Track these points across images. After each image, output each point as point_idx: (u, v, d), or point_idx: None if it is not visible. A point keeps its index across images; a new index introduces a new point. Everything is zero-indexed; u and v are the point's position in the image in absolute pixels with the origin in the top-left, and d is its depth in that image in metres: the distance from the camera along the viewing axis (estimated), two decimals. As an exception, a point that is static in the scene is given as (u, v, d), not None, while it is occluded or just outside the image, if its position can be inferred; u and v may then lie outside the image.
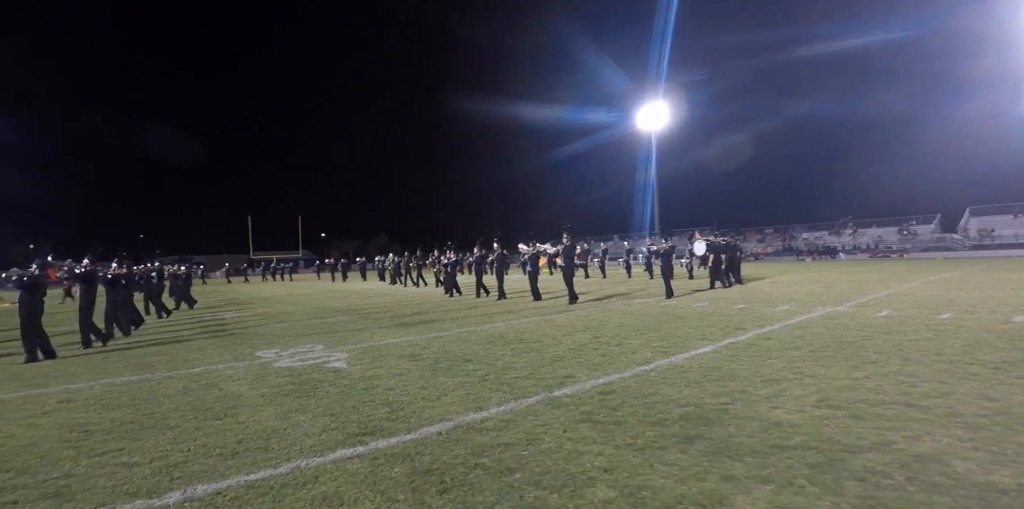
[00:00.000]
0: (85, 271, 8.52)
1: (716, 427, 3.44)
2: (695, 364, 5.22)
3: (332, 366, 5.90)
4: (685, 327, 7.52)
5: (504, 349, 6.46)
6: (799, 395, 4.04)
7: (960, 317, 7.36)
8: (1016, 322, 6.76)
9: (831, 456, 2.91)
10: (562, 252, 12.91)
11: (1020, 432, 3.12)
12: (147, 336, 9.29)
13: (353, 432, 3.71)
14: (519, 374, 5.12)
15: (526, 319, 9.19)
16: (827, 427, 3.34)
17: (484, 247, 15.67)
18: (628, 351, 6.01)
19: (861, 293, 11.14)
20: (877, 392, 4.02)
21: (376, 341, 7.50)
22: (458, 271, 20.57)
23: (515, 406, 4.11)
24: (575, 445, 3.26)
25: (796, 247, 44.29)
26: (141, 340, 8.77)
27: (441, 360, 5.95)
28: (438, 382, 4.96)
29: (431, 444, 3.41)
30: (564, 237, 12.59)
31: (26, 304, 7.11)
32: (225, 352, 7.09)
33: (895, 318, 7.52)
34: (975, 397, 3.79)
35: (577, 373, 5.07)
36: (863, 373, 4.60)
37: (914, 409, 3.61)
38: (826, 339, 6.15)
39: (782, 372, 4.75)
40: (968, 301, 9.06)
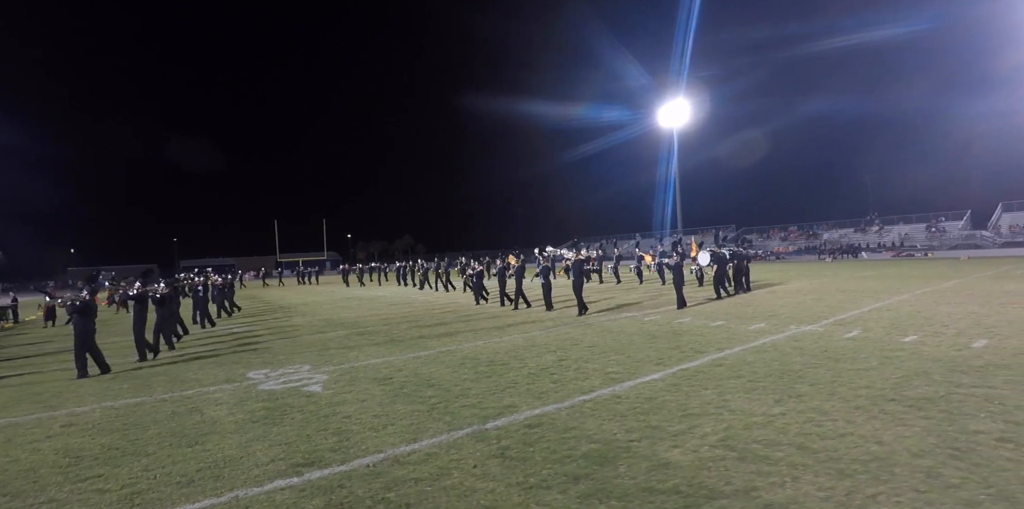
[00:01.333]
0: (137, 292, 9.39)
1: (608, 467, 3.75)
2: (633, 394, 5.50)
3: (308, 389, 6.42)
4: (650, 349, 7.75)
5: (469, 372, 6.86)
6: (706, 433, 4.29)
7: (922, 340, 7.34)
8: (972, 349, 6.73)
9: (689, 503, 3.19)
10: (571, 266, 13.32)
11: (882, 482, 3.32)
12: (179, 351, 10.08)
13: (296, 462, 4.18)
14: (467, 402, 5.51)
15: (508, 338, 9.56)
16: (707, 471, 3.61)
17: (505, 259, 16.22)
18: (581, 377, 6.31)
19: (846, 308, 11.05)
20: (781, 431, 4.24)
21: (360, 361, 8.01)
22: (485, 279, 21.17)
23: (446, 438, 4.50)
24: (475, 482, 3.63)
25: (820, 245, 43.10)
26: (165, 357, 9.56)
27: (407, 385, 6.39)
28: (392, 410, 5.39)
29: (355, 477, 3.84)
30: (574, 250, 12.94)
31: (80, 326, 7.94)
32: (221, 372, 7.74)
33: (857, 341, 7.56)
34: (867, 440, 3.97)
35: (520, 402, 5.42)
36: (782, 409, 4.80)
37: (802, 452, 3.83)
38: (773, 367, 6.30)
39: (707, 406, 4.99)
40: (945, 320, 8.94)
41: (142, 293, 9.12)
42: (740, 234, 58.06)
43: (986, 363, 5.97)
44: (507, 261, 16.56)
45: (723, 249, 15.94)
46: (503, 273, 15.78)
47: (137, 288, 9.27)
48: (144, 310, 8.99)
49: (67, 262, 52.27)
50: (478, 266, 17.66)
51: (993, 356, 6.27)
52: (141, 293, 9.12)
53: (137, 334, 8.86)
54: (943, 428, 4.12)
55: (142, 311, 8.95)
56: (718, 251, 15.50)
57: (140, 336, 8.87)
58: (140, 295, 9.10)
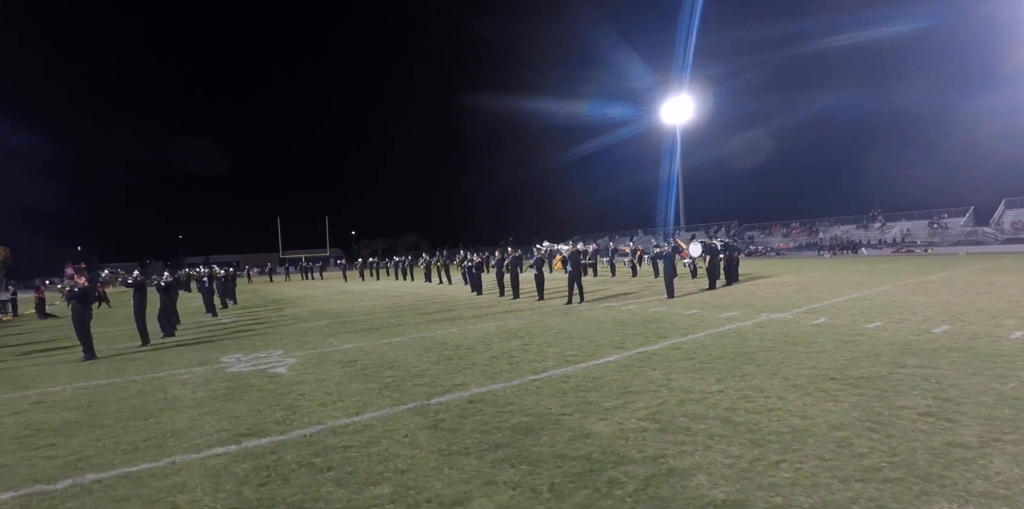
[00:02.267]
0: (136, 280, 9.61)
1: (531, 437, 3.81)
2: (582, 374, 5.54)
3: (274, 371, 6.55)
4: (616, 335, 7.78)
5: (434, 356, 6.94)
6: (638, 408, 4.34)
7: (884, 326, 7.30)
8: (932, 334, 6.69)
9: (595, 467, 3.25)
10: (568, 258, 13.44)
11: (791, 451, 3.35)
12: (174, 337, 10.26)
13: (240, 433, 4.29)
14: (420, 381, 5.59)
15: (483, 325, 9.63)
16: (624, 441, 3.66)
17: (502, 250, 16.31)
18: (538, 359, 6.37)
19: (823, 298, 10.98)
20: (711, 406, 4.27)
21: (332, 347, 8.13)
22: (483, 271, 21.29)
23: (388, 412, 4.59)
24: (399, 449, 3.72)
25: (821, 241, 42.70)
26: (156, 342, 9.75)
27: (369, 367, 6.48)
28: (346, 388, 5.49)
29: (290, 445, 3.94)
30: (570, 243, 13.03)
31: (78, 311, 8.14)
32: (197, 356, 7.90)
33: (821, 327, 7.53)
34: (792, 414, 4.00)
35: (471, 381, 5.49)
36: (721, 386, 4.82)
37: (725, 424, 3.86)
38: (728, 350, 6.31)
39: (650, 384, 5.02)
40: (915, 308, 8.86)
41: (140, 281, 9.31)
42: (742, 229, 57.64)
43: (939, 346, 5.93)
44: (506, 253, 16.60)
45: (715, 240, 15.88)
46: (501, 265, 15.89)
47: (135, 276, 9.46)
48: (143, 298, 9.18)
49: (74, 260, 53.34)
50: (476, 258, 17.78)
51: (948, 340, 6.23)
52: (139, 281, 9.31)
53: (139, 320, 9.04)
54: (871, 404, 4.13)
55: (142, 299, 9.14)
56: (710, 243, 15.44)
57: (142, 322, 9.05)
58: (138, 283, 9.29)
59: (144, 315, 8.99)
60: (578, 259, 13.07)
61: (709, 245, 14.94)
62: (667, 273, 12.80)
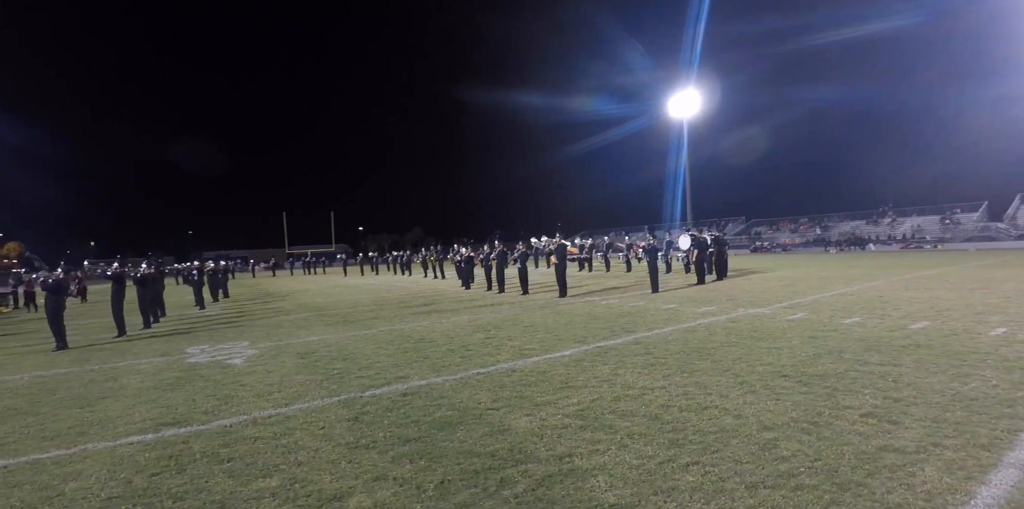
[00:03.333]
0: (114, 272, 9.63)
1: (446, 431, 3.63)
2: (530, 368, 5.34)
3: (229, 362, 6.46)
4: (583, 329, 7.55)
5: (392, 349, 6.79)
6: (570, 404, 4.13)
7: (862, 322, 6.96)
8: (909, 329, 6.34)
9: (495, 465, 3.05)
10: (555, 251, 13.24)
11: (709, 452, 3.12)
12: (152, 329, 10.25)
13: (164, 422, 4.19)
14: (365, 374, 5.44)
15: (455, 318, 9.46)
16: (538, 438, 3.45)
17: (490, 245, 16.10)
18: (493, 353, 6.18)
19: (809, 293, 10.60)
20: (645, 404, 4.05)
21: (299, 339, 8.03)
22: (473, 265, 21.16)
23: (317, 404, 4.44)
24: (308, 441, 3.57)
25: (828, 237, 41.75)
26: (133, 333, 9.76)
27: (323, 359, 6.36)
28: (289, 380, 5.36)
29: (206, 435, 3.83)
30: (556, 236, 12.81)
31: (51, 302, 8.16)
32: (163, 347, 7.86)
33: (795, 322, 7.22)
34: (726, 413, 3.76)
35: (415, 374, 5.32)
36: (666, 382, 4.59)
37: (651, 422, 3.64)
38: (689, 345, 6.05)
39: (594, 379, 4.80)
40: (901, 303, 8.47)
41: (117, 273, 9.32)
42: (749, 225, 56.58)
43: (910, 343, 5.61)
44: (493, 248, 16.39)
45: (704, 234, 15.50)
46: (487, 259, 15.69)
47: (113, 269, 9.47)
48: (121, 290, 9.18)
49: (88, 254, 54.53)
50: (466, 252, 17.60)
51: (923, 337, 5.90)
52: (117, 273, 9.31)
53: (116, 311, 9.04)
54: (815, 403, 3.86)
55: (119, 290, 9.14)
56: (699, 236, 15.07)
57: (118, 313, 9.05)
58: (116, 275, 9.29)
59: (121, 306, 8.99)
60: (563, 253, 12.85)
61: (698, 239, 14.57)
62: (651, 267, 12.50)
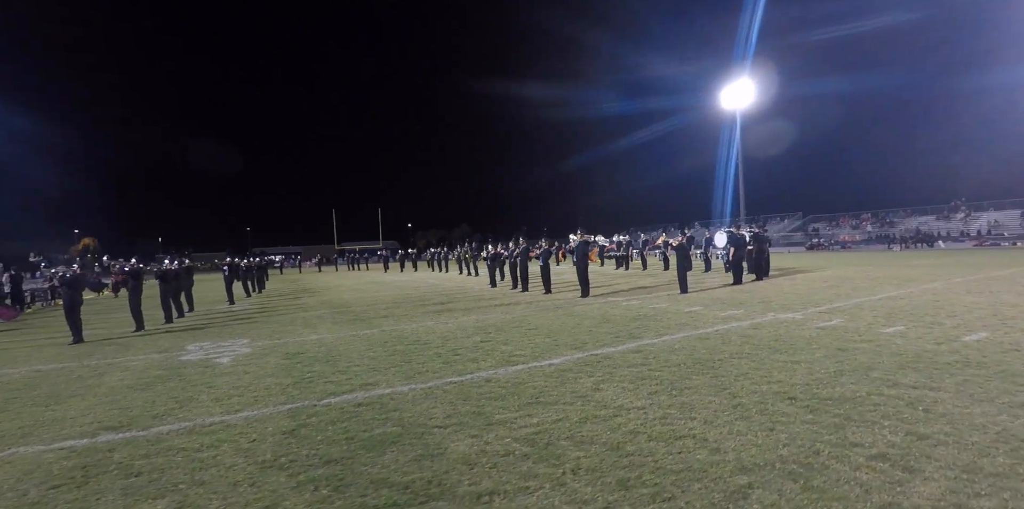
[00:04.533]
0: (132, 268, 10.00)
1: (374, 452, 3.22)
2: (507, 378, 4.84)
3: (217, 361, 6.36)
4: (587, 333, 6.94)
5: (382, 350, 6.48)
6: (527, 425, 3.60)
7: (905, 332, 5.93)
8: (960, 342, 5.31)
9: (404, 501, 2.60)
10: (575, 248, 12.65)
11: (660, 500, 2.53)
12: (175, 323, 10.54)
13: (108, 425, 4.06)
14: (335, 379, 5.14)
15: (463, 319, 9.07)
16: (469, 467, 2.97)
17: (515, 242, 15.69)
18: (478, 359, 5.72)
19: (854, 296, 9.39)
20: (613, 428, 3.46)
21: (299, 337, 7.91)
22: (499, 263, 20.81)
23: (266, 412, 4.16)
24: (226, 457, 3.26)
25: (893, 234, 38.28)
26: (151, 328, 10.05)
27: (307, 360, 6.13)
28: (259, 383, 5.15)
29: (136, 442, 3.65)
30: (578, 233, 12.23)
31: (68, 297, 8.51)
32: (169, 343, 7.96)
33: (826, 330, 6.27)
34: (703, 446, 3.12)
35: (384, 381, 4.96)
36: (648, 402, 3.96)
37: (610, 453, 3.07)
38: (696, 356, 5.33)
39: (569, 395, 4.24)
40: (957, 309, 7.24)
41: (135, 270, 9.61)
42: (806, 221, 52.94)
43: (958, 360, 4.64)
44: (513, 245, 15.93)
45: (742, 231, 14.30)
46: (512, 257, 15.24)
47: (132, 264, 9.78)
48: (139, 285, 9.46)
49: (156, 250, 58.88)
50: (492, 249, 17.21)
51: (975, 352, 4.89)
52: (135, 269, 9.61)
53: (133, 306, 9.33)
54: (817, 437, 3.14)
55: (137, 286, 9.42)
56: (736, 233, 13.91)
57: (136, 308, 9.33)
58: (134, 271, 9.59)
59: (139, 302, 9.25)
60: (585, 251, 12.16)
61: (735, 236, 13.42)
62: (680, 266, 11.59)
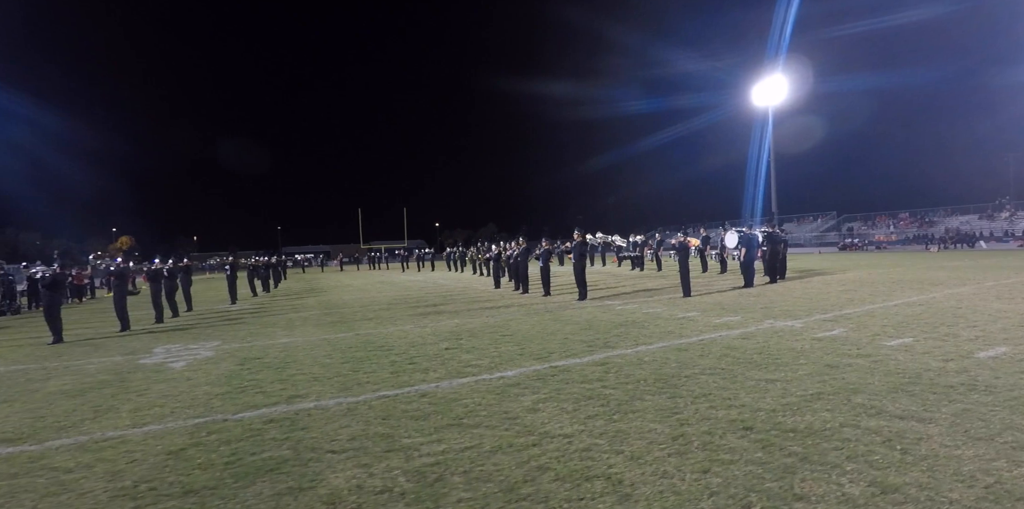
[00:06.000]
0: (118, 268, 10.03)
1: (242, 482, 2.83)
2: (444, 394, 4.39)
3: (171, 365, 6.14)
4: (560, 341, 6.40)
5: (342, 357, 6.13)
6: (430, 453, 3.13)
7: (912, 345, 5.15)
8: (973, 359, 4.52)
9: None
10: (572, 248, 12.11)
11: None
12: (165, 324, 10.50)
13: (7, 437, 3.82)
14: (269, 389, 4.81)
15: (446, 323, 8.65)
16: (330, 507, 2.51)
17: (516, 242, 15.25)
18: (430, 369, 5.30)
19: (868, 301, 8.47)
20: (522, 462, 2.95)
21: (270, 340, 7.67)
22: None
23: (172, 426, 3.85)
24: (90, 481, 2.95)
25: (931, 234, 35.86)
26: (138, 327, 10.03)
27: (258, 366, 5.86)
28: (192, 392, 4.87)
29: (14, 460, 3.37)
30: (576, 233, 11.72)
31: (47, 298, 8.55)
32: (140, 344, 7.84)
33: (823, 342, 5.54)
34: (610, 491, 2.58)
35: (315, 393, 4.60)
36: (580, 427, 3.43)
37: (499, 496, 2.56)
38: (663, 371, 4.74)
39: (498, 416, 3.75)
40: (980, 319, 6.32)
41: (120, 270, 9.59)
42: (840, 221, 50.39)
43: (964, 382, 3.89)
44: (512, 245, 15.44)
45: (755, 230, 13.39)
46: (512, 258, 14.77)
47: (117, 264, 9.76)
48: (123, 285, 9.45)
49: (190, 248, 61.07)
50: (496, 249, 16.79)
51: (988, 372, 4.12)
52: (120, 269, 9.59)
53: (118, 306, 9.32)
54: (758, 484, 2.54)
55: (121, 286, 9.41)
56: (748, 232, 13.02)
57: (121, 308, 9.32)
58: (119, 271, 9.57)
59: (124, 302, 9.21)
60: (582, 251, 11.55)
61: (747, 236, 12.54)
62: (682, 268, 10.86)
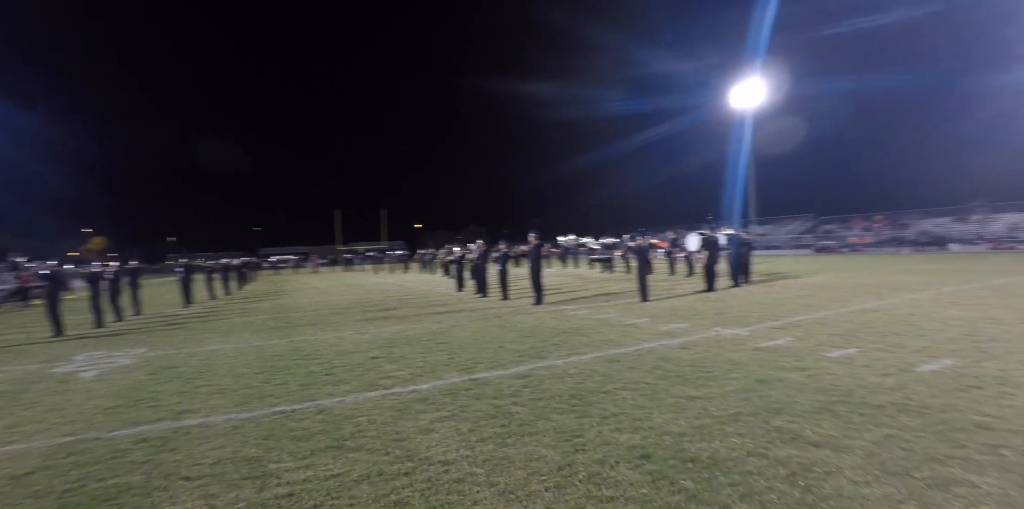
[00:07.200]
0: (52, 271, 9.48)
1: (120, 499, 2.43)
2: (345, 409, 4.06)
3: (82, 375, 5.75)
4: (495, 350, 6.09)
5: (260, 366, 5.77)
6: (293, 480, 2.81)
7: (855, 357, 4.91)
8: (913, 373, 4.29)
9: None
10: (528, 252, 11.79)
11: None
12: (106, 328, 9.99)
13: None
14: (165, 403, 4.46)
15: (386, 328, 8.28)
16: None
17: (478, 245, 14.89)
18: (348, 380, 4.97)
19: (822, 308, 8.28)
20: (378, 496, 2.63)
21: (197, 346, 7.29)
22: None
23: (37, 445, 3.48)
24: None
25: (905, 237, 36.30)
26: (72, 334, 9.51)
27: (165, 377, 5.49)
28: (85, 405, 4.55)
29: None
30: (531, 236, 11.39)
31: None
32: (61, 351, 7.40)
33: (762, 353, 5.28)
34: None
35: (214, 407, 4.27)
36: (464, 454, 3.11)
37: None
38: (583, 386, 4.43)
39: (387, 438, 3.43)
40: (932, 327, 6.13)
41: (54, 272, 9.09)
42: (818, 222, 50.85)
43: (897, 401, 3.65)
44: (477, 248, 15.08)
45: (717, 233, 13.19)
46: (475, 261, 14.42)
47: (51, 267, 9.27)
48: (55, 289, 8.95)
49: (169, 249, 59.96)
50: (458, 251, 16.44)
51: (925, 388, 3.88)
52: (54, 271, 9.09)
53: (50, 310, 8.82)
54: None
55: (53, 290, 8.91)
56: (710, 235, 12.82)
57: (52, 312, 8.81)
58: (52, 274, 9.07)
59: (55, 306, 8.71)
60: (538, 254, 11.25)
61: (709, 239, 12.34)
62: (640, 273, 10.59)
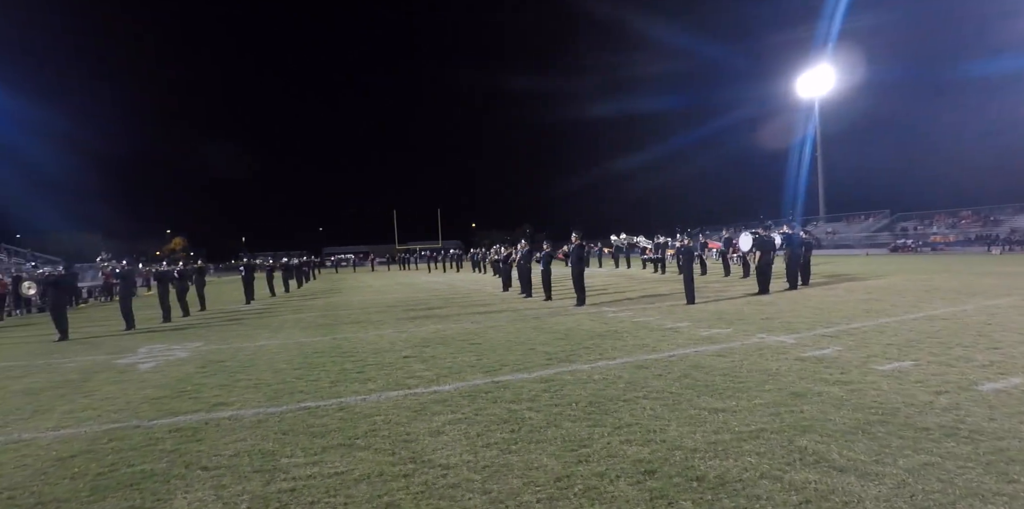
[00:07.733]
0: (122, 270, 10.48)
1: (94, 497, 2.70)
2: (365, 409, 4.16)
3: (140, 366, 6.24)
4: (525, 353, 6.03)
5: (299, 363, 6.07)
6: (299, 476, 2.88)
7: (907, 371, 4.41)
8: (974, 391, 3.78)
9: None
10: (570, 252, 11.67)
11: None
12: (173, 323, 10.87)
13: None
14: (207, 395, 4.77)
15: (426, 328, 8.43)
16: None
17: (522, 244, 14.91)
18: (376, 378, 5.15)
19: (883, 314, 7.50)
20: (372, 497, 2.64)
21: (249, 342, 7.74)
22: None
23: (84, 431, 3.81)
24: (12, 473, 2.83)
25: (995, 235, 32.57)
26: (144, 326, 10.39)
27: (212, 370, 5.90)
28: (133, 395, 4.94)
29: None
30: (573, 235, 11.28)
31: (53, 296, 9.00)
32: (129, 344, 8.12)
33: (803, 364, 4.86)
34: None
35: (247, 401, 4.54)
36: (465, 459, 3.07)
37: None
38: (603, 394, 4.27)
39: (396, 438, 3.46)
40: (1008, 339, 5.37)
41: (124, 271, 9.99)
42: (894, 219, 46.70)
43: (947, 423, 3.22)
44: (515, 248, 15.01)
45: (773, 232, 12.39)
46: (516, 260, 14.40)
47: (122, 265, 10.21)
48: (128, 286, 9.82)
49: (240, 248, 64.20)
50: (504, 251, 16.45)
51: (983, 410, 3.40)
52: (124, 271, 9.99)
53: (123, 306, 9.69)
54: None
55: (126, 287, 9.79)
56: (764, 235, 12.06)
57: (125, 307, 9.69)
58: (124, 272, 9.97)
59: (129, 302, 9.54)
60: (580, 254, 11.03)
61: (763, 239, 11.60)
62: (686, 274, 10.13)
